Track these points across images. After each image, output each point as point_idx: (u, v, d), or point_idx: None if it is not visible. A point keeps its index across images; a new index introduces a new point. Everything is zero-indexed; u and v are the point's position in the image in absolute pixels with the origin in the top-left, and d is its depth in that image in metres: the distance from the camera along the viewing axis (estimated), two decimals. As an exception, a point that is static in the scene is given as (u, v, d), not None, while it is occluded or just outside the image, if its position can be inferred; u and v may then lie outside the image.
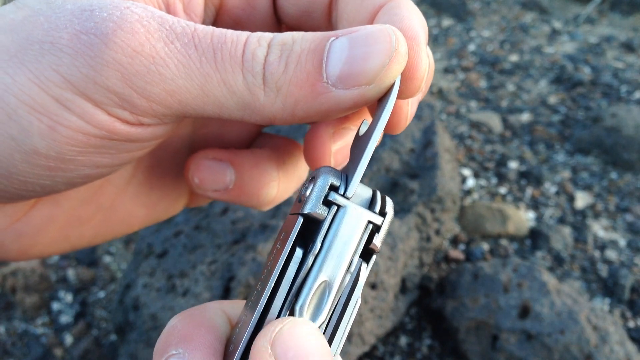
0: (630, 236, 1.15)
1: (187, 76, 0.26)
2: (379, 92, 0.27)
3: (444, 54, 1.84)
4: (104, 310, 1.05)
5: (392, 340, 0.97)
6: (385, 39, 0.26)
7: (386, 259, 0.90)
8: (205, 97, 0.27)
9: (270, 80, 0.27)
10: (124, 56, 0.25)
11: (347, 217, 0.26)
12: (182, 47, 0.26)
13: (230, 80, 0.26)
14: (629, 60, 1.74)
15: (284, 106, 0.27)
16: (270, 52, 0.27)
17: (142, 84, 0.26)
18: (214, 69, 0.26)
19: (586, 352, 0.82)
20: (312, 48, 0.27)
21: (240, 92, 0.27)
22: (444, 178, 1.02)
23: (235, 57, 0.26)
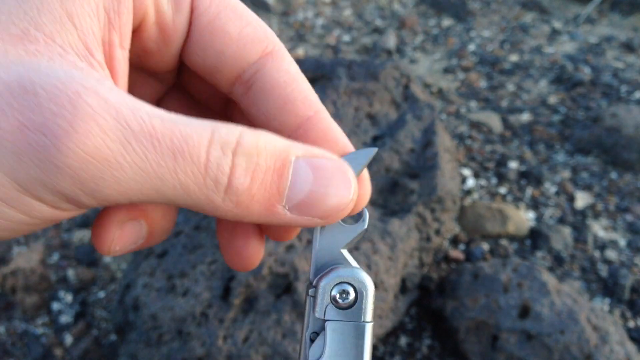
0: (630, 236, 1.15)
1: (142, 179, 0.25)
2: (325, 224, 0.30)
3: (444, 54, 1.84)
4: (104, 310, 1.05)
5: (392, 340, 0.97)
6: (347, 185, 0.29)
7: (386, 259, 0.90)
8: (156, 196, 0.26)
9: (233, 194, 0.27)
10: (76, 162, 0.24)
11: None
12: (139, 148, 0.24)
13: (189, 184, 0.26)
14: (629, 60, 1.74)
15: (235, 213, 0.27)
16: (237, 165, 0.26)
17: (93, 187, 0.24)
18: (172, 172, 0.25)
19: (586, 352, 0.82)
20: (277, 167, 0.28)
21: (196, 195, 0.26)
22: (444, 178, 1.02)
23: (198, 164, 0.26)
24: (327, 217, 0.29)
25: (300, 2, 2.16)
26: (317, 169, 0.29)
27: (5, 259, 1.13)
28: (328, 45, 1.91)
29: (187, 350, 0.78)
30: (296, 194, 0.28)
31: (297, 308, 0.82)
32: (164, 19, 0.32)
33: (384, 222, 0.94)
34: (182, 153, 0.25)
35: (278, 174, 0.28)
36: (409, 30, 1.99)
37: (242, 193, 0.27)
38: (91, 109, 0.24)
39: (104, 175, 0.24)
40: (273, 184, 0.27)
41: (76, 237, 1.18)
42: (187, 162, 0.25)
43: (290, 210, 0.28)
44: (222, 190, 0.26)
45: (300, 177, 0.28)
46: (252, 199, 0.27)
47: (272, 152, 0.28)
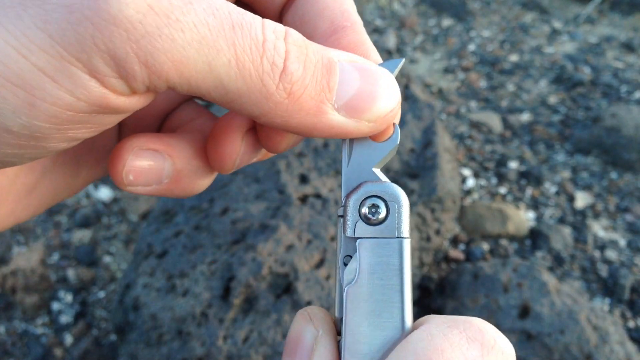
0: (630, 236, 1.15)
1: (199, 46, 0.23)
2: (371, 132, 0.28)
3: (444, 54, 1.84)
4: (104, 310, 1.05)
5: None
6: (393, 88, 0.28)
7: (386, 259, 0.90)
8: (208, 74, 0.24)
9: (288, 80, 0.25)
10: (135, 11, 0.21)
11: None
12: (199, 10, 0.23)
13: (245, 61, 0.24)
14: (629, 60, 1.74)
15: (286, 109, 0.26)
16: (290, 50, 0.25)
17: (149, 49, 0.22)
18: (229, 44, 0.23)
19: (586, 352, 0.82)
20: (325, 64, 0.26)
21: (250, 77, 0.24)
22: (444, 178, 1.02)
23: (257, 40, 0.24)
24: (376, 120, 0.28)
25: (300, 2, 2.16)
26: (362, 70, 0.28)
27: (5, 259, 1.13)
28: (328, 45, 1.91)
29: (187, 350, 0.78)
30: (346, 91, 0.27)
31: (297, 308, 0.82)
32: None
33: (384, 222, 0.94)
34: (240, 26, 0.24)
35: (327, 69, 0.26)
36: (409, 30, 1.99)
37: (295, 81, 0.25)
38: None
39: (162, 34, 0.22)
40: (323, 77, 0.26)
41: (76, 237, 1.19)
42: (246, 36, 0.24)
43: (339, 111, 0.27)
44: (278, 74, 0.25)
45: (347, 75, 0.27)
46: (305, 91, 0.26)
47: (319, 50, 0.27)
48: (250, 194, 0.96)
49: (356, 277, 0.28)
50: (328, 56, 0.27)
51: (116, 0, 0.21)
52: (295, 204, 0.93)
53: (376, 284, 0.28)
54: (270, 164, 1.01)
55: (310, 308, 0.29)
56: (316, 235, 0.89)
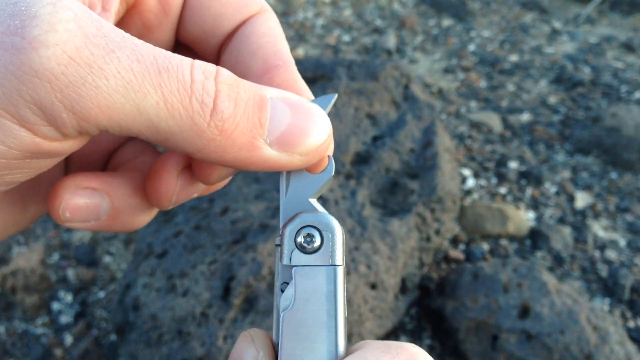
0: (630, 236, 1.15)
1: (125, 91, 0.23)
2: (305, 164, 0.30)
3: (444, 54, 1.84)
4: (104, 310, 1.05)
5: (392, 340, 0.97)
6: (324, 122, 0.29)
7: (386, 259, 0.90)
8: (138, 116, 0.24)
9: (219, 118, 0.26)
10: (57, 64, 0.22)
11: None
12: (123, 57, 0.23)
13: (173, 102, 0.24)
14: (629, 60, 1.74)
15: (219, 145, 0.26)
16: (220, 90, 0.26)
17: (74, 97, 0.22)
18: (156, 86, 0.24)
19: (586, 352, 0.82)
20: (257, 101, 0.27)
21: (180, 117, 0.25)
22: (444, 178, 1.02)
23: (184, 82, 0.25)
24: (308, 153, 0.29)
25: (300, 2, 2.16)
26: (293, 106, 0.29)
27: (5, 259, 1.13)
28: (328, 45, 1.91)
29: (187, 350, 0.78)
30: (277, 126, 0.28)
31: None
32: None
33: (384, 222, 0.94)
34: (166, 69, 0.24)
35: (258, 106, 0.27)
36: (409, 30, 1.99)
37: (226, 119, 0.26)
38: (73, 13, 0.23)
39: (86, 82, 0.22)
40: (254, 114, 0.27)
41: (76, 237, 1.19)
42: (172, 79, 0.24)
43: (271, 145, 0.28)
44: (208, 112, 0.25)
45: (278, 111, 0.28)
46: (237, 127, 0.26)
47: (250, 87, 0.28)
48: (250, 194, 0.96)
49: (292, 303, 0.29)
50: (260, 93, 0.28)
51: (37, 54, 0.21)
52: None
53: (311, 309, 0.29)
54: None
55: (253, 330, 0.31)
56: (316, 235, 0.89)
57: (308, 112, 0.29)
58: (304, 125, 0.28)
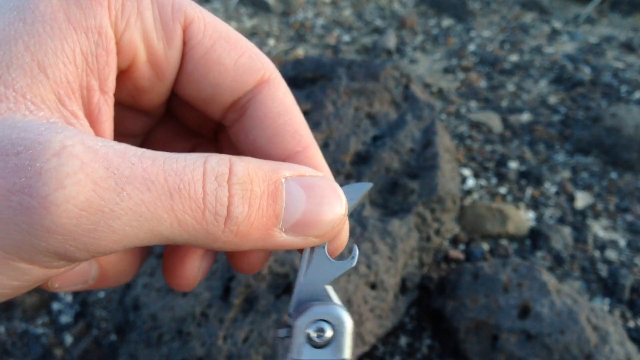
0: (630, 236, 1.15)
1: (138, 224, 0.24)
2: (319, 243, 0.30)
3: (444, 54, 1.84)
4: (104, 310, 1.05)
5: (392, 340, 0.97)
6: (339, 201, 0.30)
7: (386, 259, 0.90)
8: (152, 238, 0.25)
9: (233, 224, 0.26)
10: (68, 219, 0.22)
11: None
12: (134, 192, 0.23)
13: (187, 220, 0.25)
14: (629, 60, 1.74)
15: (234, 243, 0.27)
16: (234, 194, 0.26)
17: (87, 241, 0.23)
18: (169, 211, 0.24)
19: (586, 352, 0.82)
20: (271, 191, 0.27)
21: (194, 231, 0.25)
22: (444, 178, 1.02)
23: (196, 198, 0.25)
24: (323, 235, 0.29)
25: (300, 2, 2.16)
26: (309, 188, 0.29)
27: (5, 259, 1.13)
28: (328, 45, 1.91)
29: (187, 350, 0.78)
30: (292, 214, 0.28)
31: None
32: (156, 56, 0.31)
33: (384, 222, 0.94)
34: (178, 190, 0.24)
35: (273, 198, 0.27)
36: (409, 30, 1.99)
37: (241, 222, 0.26)
38: (79, 161, 0.22)
39: (98, 227, 0.23)
40: (269, 207, 0.27)
41: (76, 237, 1.18)
42: (185, 199, 0.24)
43: (286, 232, 0.28)
44: (222, 221, 0.26)
45: (293, 197, 0.28)
46: (252, 227, 0.27)
47: (263, 177, 0.27)
48: (250, 194, 0.96)
49: None
50: (274, 179, 0.28)
51: (48, 213, 0.21)
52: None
53: None
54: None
55: None
56: (316, 235, 0.89)
57: (323, 193, 0.29)
58: (318, 210, 0.29)
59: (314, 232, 0.29)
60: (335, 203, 0.29)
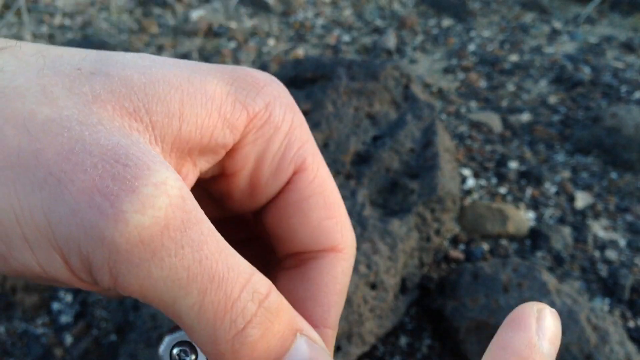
0: (630, 236, 1.15)
1: (171, 285, 0.24)
2: None
3: (444, 54, 1.84)
4: (104, 310, 1.05)
5: (392, 340, 0.97)
6: None
7: (386, 259, 0.90)
8: (170, 306, 0.25)
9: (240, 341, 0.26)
10: (126, 241, 0.22)
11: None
12: (189, 256, 0.24)
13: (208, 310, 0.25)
14: (629, 60, 1.74)
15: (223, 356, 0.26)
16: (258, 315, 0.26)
17: (123, 272, 0.23)
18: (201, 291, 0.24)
19: (586, 352, 0.82)
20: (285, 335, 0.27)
21: (206, 324, 0.25)
22: (444, 178, 1.02)
23: (229, 297, 0.25)
24: None
25: (300, 2, 2.16)
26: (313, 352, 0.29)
27: (5, 259, 1.13)
28: (328, 45, 1.91)
29: (187, 350, 0.78)
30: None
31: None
32: (257, 179, 0.33)
33: (384, 222, 0.94)
34: (220, 278, 0.24)
35: (282, 341, 0.27)
36: (409, 30, 1.99)
37: (248, 344, 0.26)
38: (169, 199, 0.23)
39: (142, 265, 0.23)
40: (275, 347, 0.27)
41: (76, 237, 1.18)
42: (220, 290, 0.24)
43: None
44: (234, 332, 0.25)
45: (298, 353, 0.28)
46: (252, 354, 0.26)
47: (287, 319, 0.28)
48: (250, 194, 0.96)
49: None
50: (292, 327, 0.28)
51: (114, 226, 0.22)
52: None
53: None
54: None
55: None
56: (316, 235, 0.89)
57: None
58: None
59: None
60: None
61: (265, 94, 0.31)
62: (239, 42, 1.91)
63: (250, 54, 1.85)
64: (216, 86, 0.29)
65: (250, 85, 0.30)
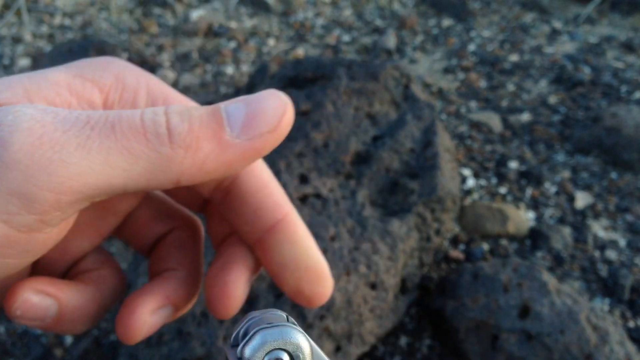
0: (630, 236, 1.15)
1: (89, 155, 0.26)
2: (277, 141, 0.31)
3: (444, 54, 1.84)
4: (104, 310, 1.05)
5: (392, 340, 0.97)
6: (277, 97, 0.31)
7: (386, 259, 0.90)
8: (110, 170, 0.27)
9: (177, 138, 0.28)
10: (23, 154, 0.25)
11: None
12: (79, 131, 0.26)
13: (134, 146, 0.27)
14: (629, 60, 1.74)
15: (193, 161, 0.28)
16: (170, 117, 0.28)
17: (45, 177, 0.25)
18: (114, 140, 0.26)
19: (586, 352, 0.82)
20: (210, 112, 0.29)
21: (146, 155, 0.27)
22: (444, 178, 1.02)
23: (135, 126, 0.27)
24: (275, 127, 0.30)
25: (300, 2, 2.16)
26: (245, 100, 0.31)
27: (5, 259, 1.13)
28: (328, 45, 1.91)
29: (187, 350, 0.78)
30: (236, 120, 0.29)
31: (297, 308, 0.82)
32: None
33: (384, 222, 0.94)
34: (118, 122, 0.27)
35: (212, 115, 0.29)
36: (409, 30, 1.99)
37: (185, 136, 0.28)
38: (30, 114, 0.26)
39: (52, 161, 0.25)
40: (211, 121, 0.29)
41: (76, 237, 1.18)
42: (125, 127, 0.27)
43: (239, 137, 0.29)
44: (167, 139, 0.27)
45: (233, 109, 0.30)
46: (199, 139, 0.28)
47: (201, 108, 0.30)
48: (250, 194, 0.96)
49: None
50: (212, 108, 0.30)
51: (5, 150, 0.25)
52: (295, 204, 0.93)
53: None
54: (270, 164, 1.01)
55: None
56: (316, 235, 0.89)
57: (258, 97, 0.30)
58: (259, 105, 0.30)
59: (264, 125, 0.29)
60: (274, 96, 0.31)
61: (111, 69, 0.34)
62: (239, 42, 1.91)
63: (250, 53, 1.85)
64: (60, 73, 0.32)
65: (94, 66, 0.34)
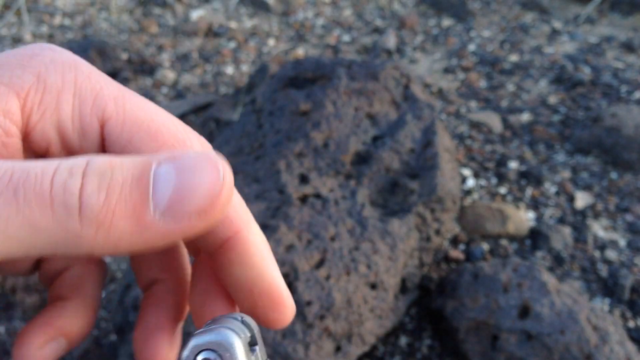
0: (630, 236, 1.15)
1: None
2: (208, 225, 0.26)
3: (444, 54, 1.84)
4: (104, 310, 1.05)
5: (392, 340, 0.97)
6: (214, 168, 0.25)
7: (386, 259, 0.90)
8: (9, 242, 0.23)
9: (89, 213, 0.23)
10: None
11: None
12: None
13: (37, 219, 0.23)
14: (629, 60, 1.74)
15: (105, 241, 0.24)
16: (86, 183, 0.24)
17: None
18: (14, 209, 0.23)
19: (586, 352, 0.82)
20: (136, 175, 0.25)
21: (50, 230, 0.24)
22: (444, 178, 1.02)
23: (41, 193, 0.23)
24: (203, 210, 0.25)
25: (300, 2, 2.16)
26: (179, 164, 0.25)
27: (5, 259, 1.13)
28: (328, 45, 1.91)
29: (187, 350, 0.78)
30: (162, 193, 0.24)
31: (296, 308, 0.82)
32: (71, 149, 0.31)
33: (384, 222, 0.94)
34: (23, 187, 0.23)
35: (138, 181, 0.24)
36: (409, 30, 1.99)
37: (99, 211, 0.23)
38: None
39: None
40: (133, 192, 0.24)
41: (76, 237, 1.19)
42: (29, 196, 0.23)
43: (162, 217, 0.24)
44: (76, 214, 0.23)
45: (162, 177, 0.25)
46: (114, 215, 0.24)
47: (129, 165, 0.25)
48: (250, 194, 0.96)
49: None
50: (142, 166, 0.25)
51: None
52: (295, 204, 0.93)
53: None
54: (270, 164, 1.01)
55: None
56: (316, 236, 0.89)
57: (195, 163, 0.25)
58: (190, 182, 0.25)
59: (191, 206, 0.25)
60: (210, 171, 0.25)
61: (33, 66, 0.29)
62: (239, 42, 1.91)
63: (250, 54, 1.85)
64: None
65: (12, 63, 0.29)
